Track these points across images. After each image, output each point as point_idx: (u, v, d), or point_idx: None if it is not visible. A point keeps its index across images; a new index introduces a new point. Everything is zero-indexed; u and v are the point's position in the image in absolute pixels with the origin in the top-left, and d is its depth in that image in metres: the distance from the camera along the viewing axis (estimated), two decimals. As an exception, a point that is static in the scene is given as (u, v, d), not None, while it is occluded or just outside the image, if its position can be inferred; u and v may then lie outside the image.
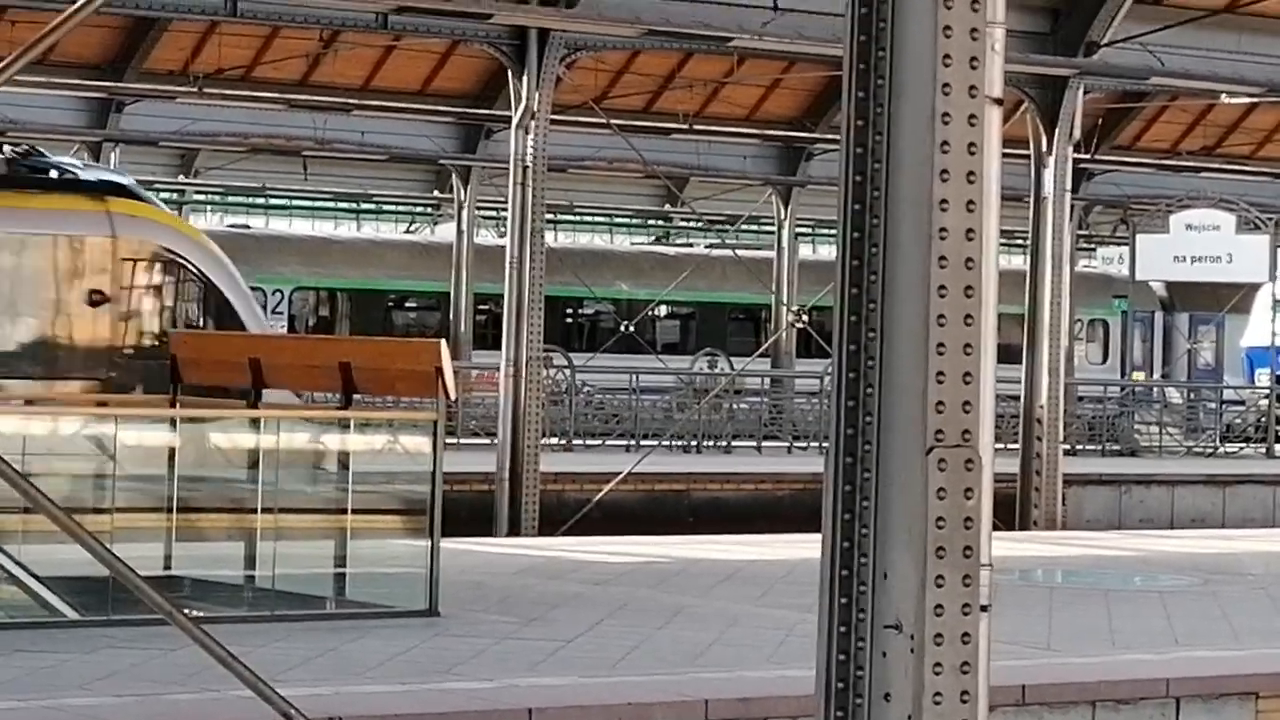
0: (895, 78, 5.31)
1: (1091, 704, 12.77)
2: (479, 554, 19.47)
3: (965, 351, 5.26)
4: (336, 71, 32.93)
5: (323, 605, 15.03)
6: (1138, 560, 21.30)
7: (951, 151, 5.27)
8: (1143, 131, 38.54)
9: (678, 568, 18.89)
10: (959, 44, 5.26)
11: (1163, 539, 24.96)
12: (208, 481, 16.49)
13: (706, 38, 26.72)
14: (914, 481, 5.26)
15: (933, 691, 5.23)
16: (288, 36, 31.77)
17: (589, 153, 34.83)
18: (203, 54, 32.54)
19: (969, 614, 5.29)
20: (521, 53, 24.97)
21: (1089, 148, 34.85)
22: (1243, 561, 20.94)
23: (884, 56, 5.32)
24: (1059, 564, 20.50)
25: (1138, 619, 15.87)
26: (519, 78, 25.06)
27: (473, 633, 13.99)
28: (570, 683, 12.12)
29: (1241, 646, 14.52)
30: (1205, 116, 37.50)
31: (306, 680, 11.52)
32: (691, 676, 12.44)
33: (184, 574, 15.57)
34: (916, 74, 5.28)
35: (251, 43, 32.87)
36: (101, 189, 19.51)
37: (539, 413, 25.05)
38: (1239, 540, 24.30)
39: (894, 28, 5.30)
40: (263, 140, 36.40)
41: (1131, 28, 28.20)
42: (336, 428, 15.69)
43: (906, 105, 5.30)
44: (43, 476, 15.49)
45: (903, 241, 5.29)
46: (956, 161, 5.27)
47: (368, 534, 15.76)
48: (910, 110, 5.29)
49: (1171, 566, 20.33)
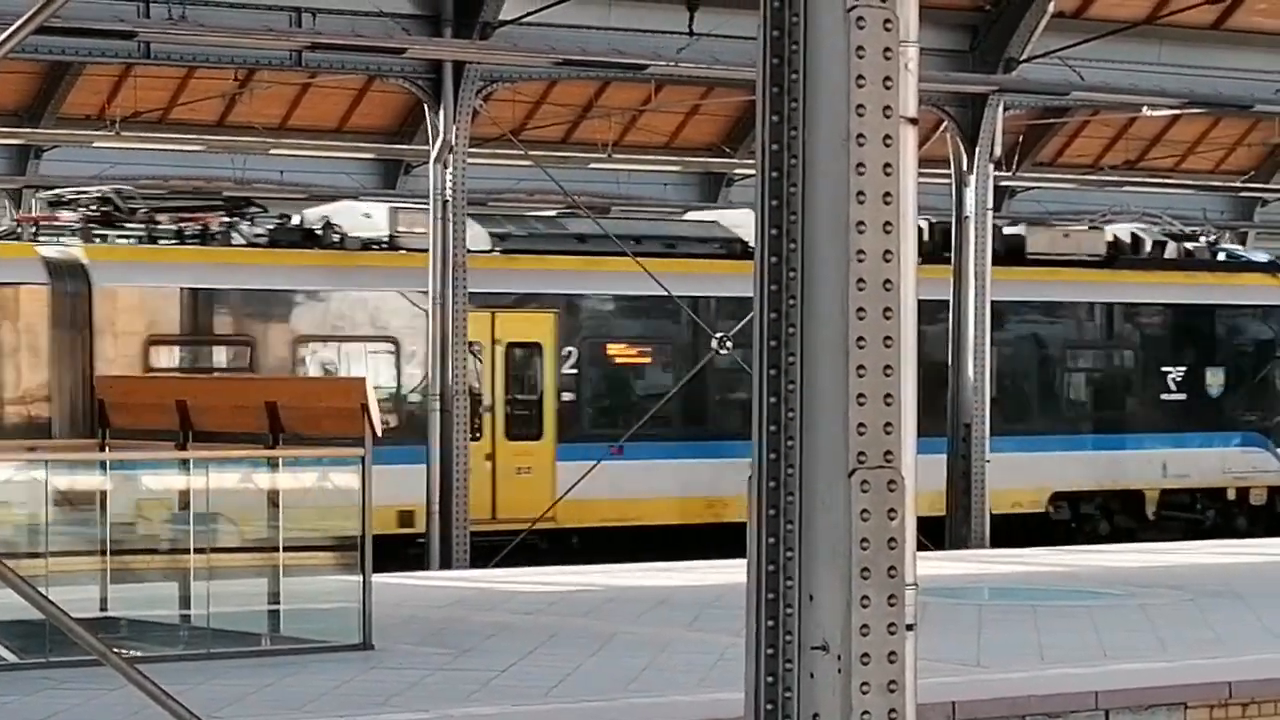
0: (809, 100, 5.31)
1: (1022, 718, 12.82)
2: (411, 587, 19.45)
3: (885, 373, 5.27)
4: (253, 111, 32.89)
5: (258, 642, 15.01)
6: (1065, 575, 21.38)
7: (867, 173, 5.27)
8: (1064, 147, 38.76)
9: (608, 595, 18.91)
10: (872, 64, 5.27)
11: (1089, 554, 25.05)
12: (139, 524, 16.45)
13: (622, 65, 26.75)
14: (837, 504, 5.26)
15: (861, 711, 5.24)
16: (203, 77, 31.72)
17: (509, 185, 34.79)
18: (119, 97, 32.48)
19: (895, 633, 5.30)
20: (437, 86, 24.97)
21: (1010, 165, 34.99)
22: (1169, 574, 21.04)
23: (797, 79, 5.32)
24: (986, 581, 20.57)
25: (1066, 633, 15.94)
26: (435, 112, 25.06)
27: (407, 665, 13.99)
28: (503, 712, 12.12)
29: (1169, 658, 14.60)
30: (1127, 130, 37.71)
31: (244, 716, 11.52)
32: (624, 702, 12.46)
33: (120, 615, 15.54)
34: (830, 96, 5.29)
35: (167, 84, 32.80)
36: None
37: (467, 448, 25.00)
38: (1165, 554, 24.41)
39: (806, 50, 5.31)
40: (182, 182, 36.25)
41: (1051, 43, 28.24)
42: (265, 466, 15.66)
43: (821, 128, 5.30)
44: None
45: (820, 265, 5.30)
46: (872, 183, 5.28)
47: (300, 570, 15.75)
48: (825, 133, 5.30)
49: (1099, 580, 20.43)
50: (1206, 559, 23.34)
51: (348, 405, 15.34)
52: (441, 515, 24.65)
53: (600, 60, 26.39)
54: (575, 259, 28.03)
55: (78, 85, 32.09)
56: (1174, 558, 23.40)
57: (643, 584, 20.03)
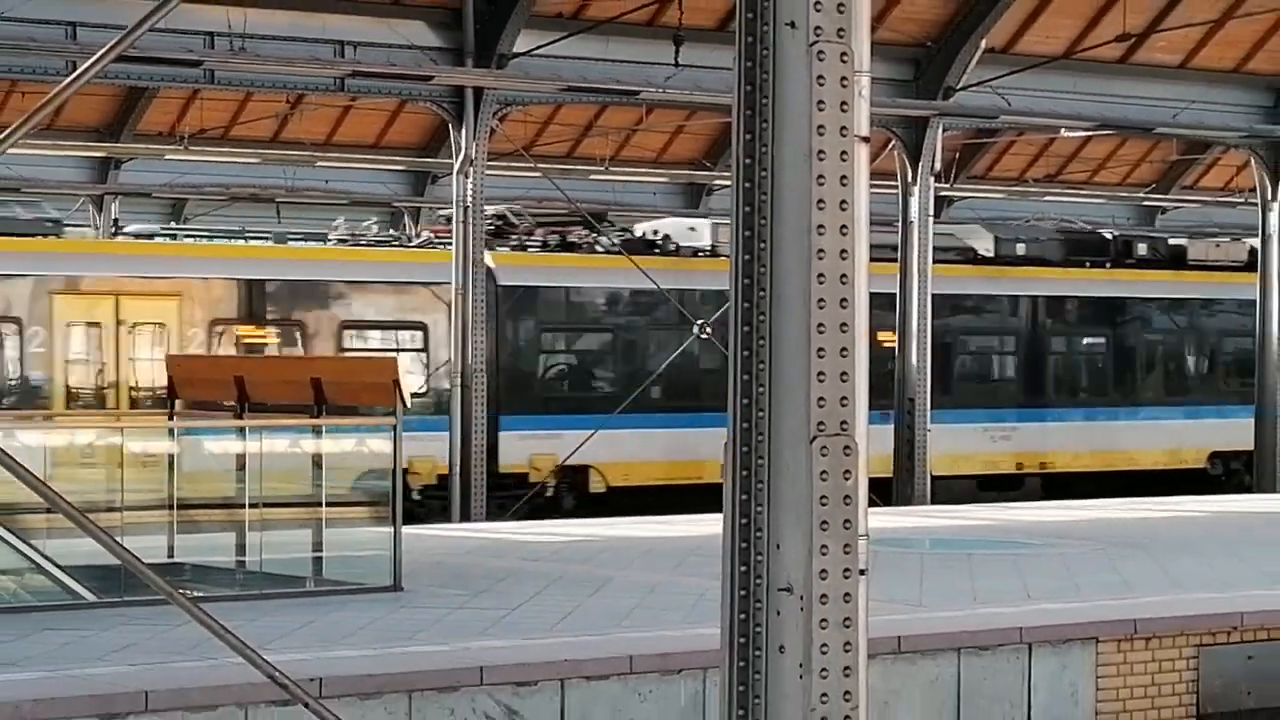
0: (777, 121, 5.30)
1: (957, 650, 12.82)
2: (436, 537, 19.44)
3: (842, 354, 5.26)
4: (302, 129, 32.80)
5: (303, 584, 14.98)
6: (996, 528, 21.38)
7: (826, 183, 5.26)
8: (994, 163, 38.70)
9: (604, 545, 18.89)
10: (831, 91, 5.26)
11: (1018, 510, 25.05)
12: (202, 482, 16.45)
13: (618, 91, 26.74)
14: (800, 466, 5.25)
15: (820, 643, 5.23)
16: (259, 100, 31.64)
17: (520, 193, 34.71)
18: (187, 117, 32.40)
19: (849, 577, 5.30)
20: (460, 109, 24.96)
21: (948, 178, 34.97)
22: (1086, 528, 21.06)
23: (767, 103, 5.31)
24: (928, 533, 20.58)
25: (995, 578, 15.94)
26: (458, 130, 25.07)
27: (431, 604, 13.97)
28: (514, 644, 12.11)
29: (1083, 599, 14.60)
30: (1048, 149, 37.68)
31: (290, 648, 11.48)
32: (618, 636, 12.45)
33: (184, 560, 15.52)
34: (795, 118, 5.28)
35: (228, 106, 32.72)
36: None
37: (484, 418, 25.02)
38: (1083, 510, 24.41)
39: (775, 79, 5.30)
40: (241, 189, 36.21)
41: (983, 74, 28.37)
42: (310, 433, 15.65)
43: (787, 145, 5.29)
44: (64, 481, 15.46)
45: (786, 261, 5.29)
46: (831, 192, 5.27)
47: (339, 522, 15.72)
48: (790, 149, 5.29)
49: (1025, 533, 20.44)
50: (1120, 515, 23.35)
51: (381, 381, 15.31)
52: (462, 476, 24.65)
53: (599, 87, 26.37)
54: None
55: (152, 106, 31.98)
56: (1091, 513, 23.40)
57: (633, 535, 20.02)
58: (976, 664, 12.86)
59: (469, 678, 11.21)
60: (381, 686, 11.00)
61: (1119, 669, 13.42)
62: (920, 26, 27.96)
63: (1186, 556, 17.70)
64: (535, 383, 28.50)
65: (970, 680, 12.85)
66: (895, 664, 12.46)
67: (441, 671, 11.24)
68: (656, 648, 11.94)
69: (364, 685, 10.93)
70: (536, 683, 11.42)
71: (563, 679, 11.46)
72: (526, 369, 28.38)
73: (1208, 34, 30.38)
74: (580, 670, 11.55)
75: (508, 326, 27.65)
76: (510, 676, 11.33)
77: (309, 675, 10.51)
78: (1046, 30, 29.56)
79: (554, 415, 27.59)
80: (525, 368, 28.35)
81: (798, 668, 5.32)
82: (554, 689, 11.44)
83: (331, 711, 5.51)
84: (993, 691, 12.94)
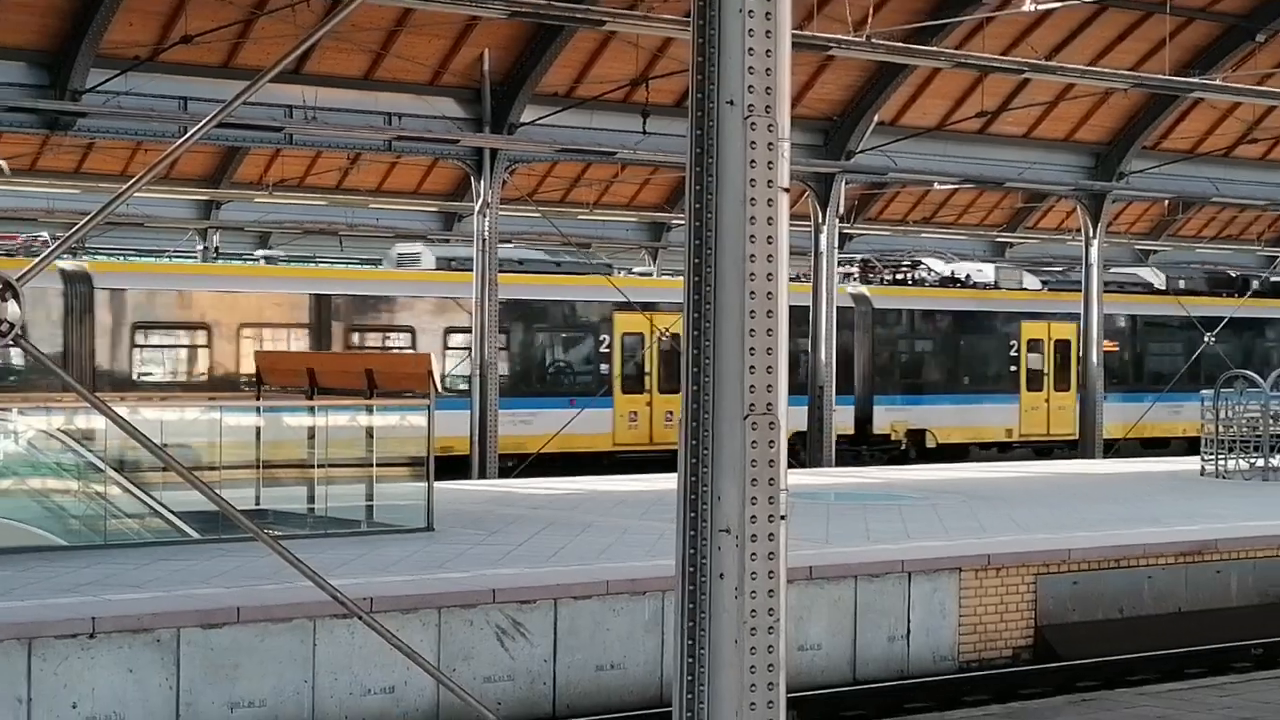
0: (720, 176, 5.28)
1: (854, 578, 12.86)
2: (459, 490, 19.44)
3: (768, 352, 5.24)
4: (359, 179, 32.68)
5: (358, 526, 14.97)
6: (884, 485, 21.44)
7: (757, 224, 5.25)
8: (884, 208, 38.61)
9: (586, 497, 18.90)
10: (760, 153, 5.24)
11: (901, 471, 25.12)
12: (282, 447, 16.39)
13: (599, 153, 26.72)
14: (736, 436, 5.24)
15: (750, 571, 5.22)
16: (326, 157, 31.54)
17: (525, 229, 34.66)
18: (271, 169, 32.24)
19: (773, 521, 5.27)
20: (480, 165, 24.94)
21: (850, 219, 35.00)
22: (955, 485, 21.12)
23: (712, 162, 5.29)
24: (832, 489, 20.63)
25: (884, 523, 15.98)
26: (478, 181, 25.03)
27: (456, 541, 13.96)
28: (520, 572, 12.10)
29: (950, 539, 14.65)
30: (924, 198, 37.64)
31: (348, 575, 11.48)
32: (598, 566, 12.46)
33: (267, 507, 15.48)
34: (733, 173, 5.26)
35: (303, 161, 32.55)
36: None
37: (497, 400, 24.95)
38: (954, 471, 24.50)
39: (718, 144, 5.28)
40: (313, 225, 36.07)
41: (876, 141, 28.45)
42: (364, 411, 15.62)
43: (727, 194, 5.28)
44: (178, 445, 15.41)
45: (726, 281, 5.27)
46: (760, 230, 5.25)
47: (386, 479, 15.68)
48: (729, 197, 5.27)
49: (907, 488, 20.50)
50: (981, 475, 23.41)
51: (418, 371, 15.28)
52: (480, 443, 24.59)
53: (585, 149, 26.36)
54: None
55: (244, 161, 31.76)
56: (959, 474, 23.48)
57: (609, 489, 20.03)
58: (869, 588, 12.88)
59: (484, 598, 11.21)
60: (417, 604, 10.98)
61: (976, 592, 13.46)
62: (828, 104, 27.99)
63: (1028, 507, 17.76)
64: (896, 372, 31.59)
65: (864, 600, 12.87)
66: (808, 588, 12.49)
67: (463, 593, 11.23)
68: (627, 575, 11.95)
69: (404, 603, 10.92)
70: (535, 601, 11.42)
71: (555, 599, 11.47)
72: (891, 364, 31.42)
73: (1045, 112, 30.49)
74: (569, 592, 11.55)
75: (879, 336, 30.93)
76: (515, 597, 11.33)
77: (362, 595, 10.51)
78: (923, 108, 29.60)
79: (908, 395, 31.13)
80: (890, 364, 31.38)
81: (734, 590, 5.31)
82: (549, 606, 11.44)
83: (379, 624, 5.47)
84: (881, 608, 12.97)
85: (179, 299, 25.11)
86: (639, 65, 25.45)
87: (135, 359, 24.41)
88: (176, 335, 25.16)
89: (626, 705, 11.52)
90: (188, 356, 25.13)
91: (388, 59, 24.40)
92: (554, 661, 11.37)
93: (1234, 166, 33.90)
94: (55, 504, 13.85)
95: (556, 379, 28.21)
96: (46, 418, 14.55)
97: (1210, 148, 33.13)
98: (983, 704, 11.75)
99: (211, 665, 10.22)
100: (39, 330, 22.94)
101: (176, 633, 10.10)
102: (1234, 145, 33.43)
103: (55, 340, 23.44)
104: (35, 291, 22.23)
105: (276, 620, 10.45)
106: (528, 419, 26.10)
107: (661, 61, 25.41)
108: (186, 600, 10.51)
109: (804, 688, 11.82)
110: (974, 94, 28.95)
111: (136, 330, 24.41)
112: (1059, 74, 25.88)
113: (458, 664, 10.98)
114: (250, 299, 25.57)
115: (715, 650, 5.25)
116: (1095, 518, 16.52)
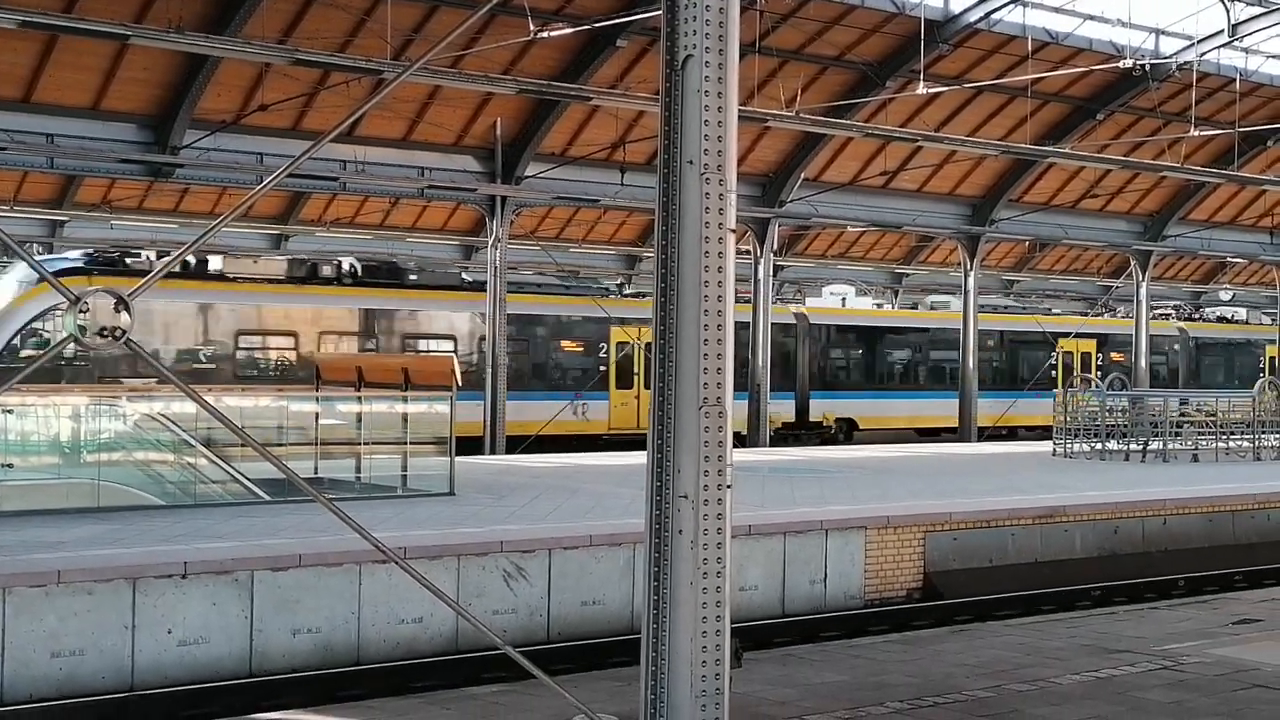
0: (681, 219, 5.28)
1: (784, 534, 12.85)
2: (475, 463, 19.37)
3: (718, 356, 5.24)
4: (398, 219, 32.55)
5: (394, 492, 14.90)
6: (808, 461, 21.45)
7: (710, 256, 5.25)
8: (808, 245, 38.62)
9: (575, 469, 18.85)
10: (713, 201, 5.25)
11: (821, 450, 25.13)
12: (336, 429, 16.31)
13: (586, 200, 26.67)
14: (693, 423, 5.23)
15: (703, 529, 5.21)
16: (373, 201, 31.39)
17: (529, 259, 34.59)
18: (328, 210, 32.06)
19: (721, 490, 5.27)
20: (493, 208, 24.90)
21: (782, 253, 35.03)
22: (865, 461, 21.15)
23: (675, 209, 5.29)
24: (766, 464, 20.65)
25: (807, 491, 15.97)
26: (491, 221, 24.98)
27: (472, 504, 13.91)
28: (521, 528, 12.06)
29: (859, 504, 14.65)
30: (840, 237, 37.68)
31: (387, 529, 11.43)
32: (584, 523, 12.42)
33: (324, 476, 15.41)
34: (692, 218, 5.26)
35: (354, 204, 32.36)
36: None
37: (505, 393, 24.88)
38: (865, 450, 24.50)
39: (680, 194, 5.28)
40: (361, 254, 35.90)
41: (803, 193, 28.50)
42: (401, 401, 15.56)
43: (687, 232, 5.28)
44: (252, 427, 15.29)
45: (686, 300, 5.27)
46: (713, 261, 5.25)
47: (418, 454, 15.62)
48: (689, 235, 5.27)
49: (826, 464, 20.51)
50: (887, 454, 23.42)
51: (443, 369, 15.21)
52: (491, 425, 24.50)
53: (575, 197, 26.31)
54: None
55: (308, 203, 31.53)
56: (870, 453, 23.50)
57: (594, 464, 20.00)
58: (795, 541, 12.89)
59: (494, 548, 11.17)
60: (442, 552, 10.94)
61: (878, 545, 13.48)
62: (765, 164, 28.05)
63: (921, 479, 17.79)
64: (827, 372, 30.88)
65: (791, 551, 12.88)
66: (747, 541, 12.48)
67: (477, 544, 11.19)
68: (607, 530, 11.93)
69: (431, 552, 10.87)
70: (534, 550, 11.38)
71: (550, 549, 11.44)
72: (824, 366, 30.87)
73: (933, 172, 30.62)
74: (561, 544, 11.53)
75: (813, 345, 30.46)
76: (518, 547, 11.30)
77: (398, 545, 10.46)
78: (839, 168, 29.67)
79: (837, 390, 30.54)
80: (823, 366, 30.82)
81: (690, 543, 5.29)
82: (545, 555, 11.41)
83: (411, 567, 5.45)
84: (804, 558, 12.98)
85: (263, 312, 24.95)
86: (618, 132, 25.49)
87: (237, 358, 24.39)
88: (266, 339, 24.97)
89: (606, 633, 11.50)
90: (275, 358, 25.00)
91: (421, 125, 24.36)
92: (549, 598, 11.35)
93: (1079, 216, 34.15)
94: (155, 472, 13.75)
95: (563, 377, 28.23)
96: (149, 404, 14.43)
97: (1061, 201, 33.39)
98: (883, 633, 11.76)
99: (278, 600, 10.16)
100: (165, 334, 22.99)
101: (251, 574, 10.05)
102: (1079, 199, 33.70)
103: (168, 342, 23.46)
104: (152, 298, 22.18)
105: (330, 565, 10.40)
106: (548, 408, 26.03)
107: (636, 129, 25.46)
108: (258, 549, 10.45)
109: (744, 620, 11.83)
110: (879, 157, 29.08)
111: (239, 335, 24.40)
112: (944, 142, 26.04)
113: (472, 600, 10.95)
114: (324, 311, 25.46)
115: (675, 590, 5.25)
116: (972, 488, 16.57)
